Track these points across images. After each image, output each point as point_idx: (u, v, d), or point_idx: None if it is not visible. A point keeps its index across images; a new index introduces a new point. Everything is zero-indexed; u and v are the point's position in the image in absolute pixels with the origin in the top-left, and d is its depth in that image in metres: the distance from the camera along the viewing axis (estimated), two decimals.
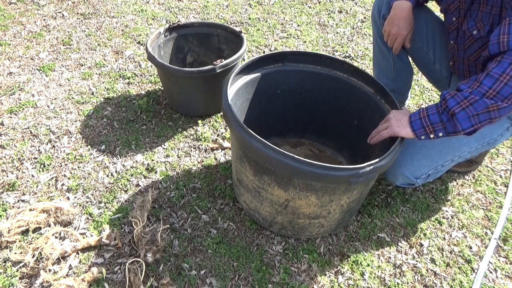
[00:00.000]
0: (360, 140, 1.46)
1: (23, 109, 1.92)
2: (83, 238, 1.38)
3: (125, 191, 1.58)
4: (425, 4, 1.57)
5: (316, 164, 1.08)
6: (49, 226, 1.42)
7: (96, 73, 2.17)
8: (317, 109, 1.65)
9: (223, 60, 1.69)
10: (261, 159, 1.15)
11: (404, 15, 1.45)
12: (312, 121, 1.69)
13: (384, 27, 1.54)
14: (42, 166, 1.65)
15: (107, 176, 1.63)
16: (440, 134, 1.16)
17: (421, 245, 1.45)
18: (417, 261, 1.40)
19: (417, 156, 1.35)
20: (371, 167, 1.11)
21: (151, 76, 2.18)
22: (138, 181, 1.62)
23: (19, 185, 1.57)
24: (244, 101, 1.51)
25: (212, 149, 1.78)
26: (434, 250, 1.43)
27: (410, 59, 1.71)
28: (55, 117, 1.89)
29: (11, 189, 1.55)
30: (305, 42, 2.51)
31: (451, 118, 1.13)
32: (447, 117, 1.14)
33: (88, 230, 1.43)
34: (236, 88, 1.42)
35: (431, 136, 1.18)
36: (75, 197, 1.54)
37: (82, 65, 2.23)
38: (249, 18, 2.70)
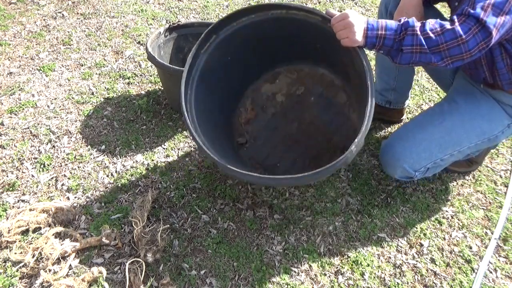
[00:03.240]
0: (332, 53, 1.46)
1: (23, 109, 1.92)
2: (83, 238, 1.38)
3: (125, 191, 1.58)
4: (434, 5, 1.56)
5: (278, 178, 1.24)
6: (49, 226, 1.42)
7: (96, 73, 2.18)
8: (279, 48, 1.63)
9: None
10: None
11: (414, 3, 1.42)
12: (280, 57, 1.70)
13: (394, 18, 1.51)
14: (42, 166, 1.65)
15: (107, 176, 1.63)
16: (381, 52, 1.21)
17: (421, 245, 1.45)
18: (417, 261, 1.40)
19: (417, 149, 1.35)
20: (328, 168, 1.17)
21: (151, 76, 2.18)
22: (138, 181, 1.62)
23: (19, 185, 1.57)
24: (213, 81, 1.55)
25: None
26: (434, 250, 1.43)
27: None
28: (55, 117, 1.89)
29: (11, 189, 1.56)
30: None
31: (398, 51, 1.17)
32: (396, 47, 1.16)
33: (88, 230, 1.43)
34: (196, 87, 1.47)
35: (373, 50, 1.22)
36: (75, 197, 1.54)
37: (82, 65, 2.23)
38: None
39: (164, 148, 1.77)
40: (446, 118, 1.38)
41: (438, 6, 1.63)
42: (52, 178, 1.61)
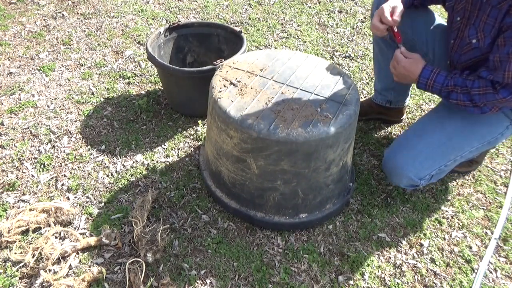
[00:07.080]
0: None
1: (23, 109, 1.93)
2: (83, 238, 1.38)
3: (125, 191, 1.58)
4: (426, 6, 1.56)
5: None
6: (49, 226, 1.42)
7: (96, 73, 2.17)
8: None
9: (223, 60, 1.69)
10: None
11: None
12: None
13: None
14: (42, 166, 1.65)
15: (107, 176, 1.63)
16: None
17: (421, 245, 1.45)
18: (417, 261, 1.40)
19: (419, 158, 1.35)
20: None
21: (151, 76, 2.18)
22: (138, 181, 1.62)
23: (19, 185, 1.57)
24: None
25: None
26: (434, 250, 1.43)
27: None
28: (55, 117, 1.89)
29: (11, 189, 1.56)
30: (305, 42, 2.51)
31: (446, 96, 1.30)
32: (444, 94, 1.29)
33: (88, 230, 1.43)
34: None
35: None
36: (75, 197, 1.54)
37: (82, 65, 2.23)
38: (249, 18, 2.70)
39: (164, 148, 1.77)
40: (445, 125, 1.38)
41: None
42: (52, 178, 1.61)
